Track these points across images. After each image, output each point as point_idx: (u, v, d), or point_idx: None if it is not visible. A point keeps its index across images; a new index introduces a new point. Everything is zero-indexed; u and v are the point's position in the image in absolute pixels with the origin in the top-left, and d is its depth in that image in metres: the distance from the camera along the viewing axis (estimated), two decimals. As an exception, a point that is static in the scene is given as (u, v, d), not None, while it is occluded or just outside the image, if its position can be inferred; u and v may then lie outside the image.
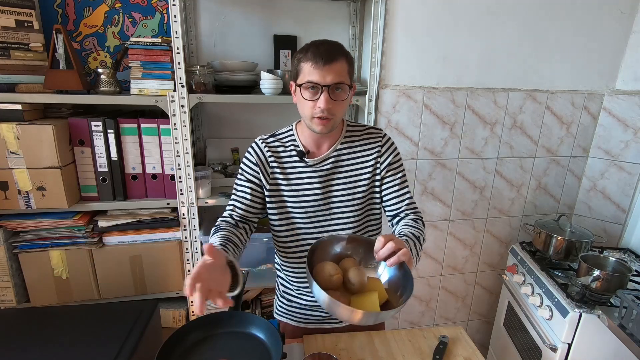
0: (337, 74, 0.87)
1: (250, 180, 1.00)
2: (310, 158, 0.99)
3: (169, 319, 1.47)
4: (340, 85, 0.88)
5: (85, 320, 1.08)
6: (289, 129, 1.04)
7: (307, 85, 0.88)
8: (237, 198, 1.01)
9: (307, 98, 0.90)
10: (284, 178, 1.00)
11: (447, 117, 1.68)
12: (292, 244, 1.05)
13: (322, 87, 0.87)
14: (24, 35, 1.26)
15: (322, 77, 0.87)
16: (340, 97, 0.90)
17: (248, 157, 1.02)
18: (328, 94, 0.87)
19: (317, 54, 0.86)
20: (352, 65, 0.93)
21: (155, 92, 1.29)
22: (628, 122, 1.74)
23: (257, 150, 1.01)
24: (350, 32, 1.62)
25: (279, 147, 1.01)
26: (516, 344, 1.69)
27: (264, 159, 1.00)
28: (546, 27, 1.65)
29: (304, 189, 1.00)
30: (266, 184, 1.00)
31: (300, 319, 1.13)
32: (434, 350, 1.03)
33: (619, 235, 1.83)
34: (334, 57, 0.87)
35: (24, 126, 1.17)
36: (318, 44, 0.89)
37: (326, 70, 0.86)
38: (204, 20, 1.50)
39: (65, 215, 1.31)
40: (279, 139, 1.03)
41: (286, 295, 1.14)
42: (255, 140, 1.04)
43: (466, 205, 1.85)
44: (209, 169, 1.45)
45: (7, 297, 1.30)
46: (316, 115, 0.90)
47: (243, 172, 1.02)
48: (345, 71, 0.90)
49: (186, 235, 1.41)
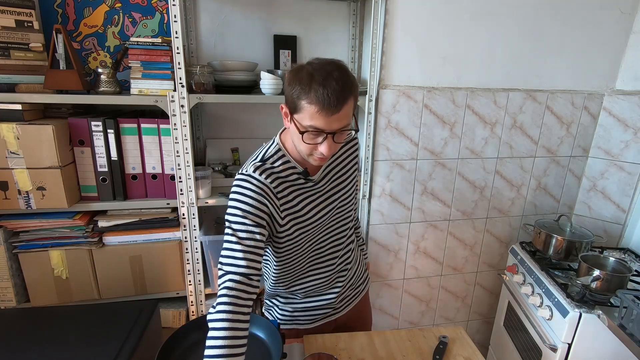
0: (344, 119, 0.79)
1: (258, 224, 0.83)
2: (313, 175, 0.94)
3: (169, 319, 1.47)
4: (345, 129, 0.81)
5: (85, 320, 1.08)
6: (277, 150, 0.90)
7: (310, 129, 0.78)
8: (247, 250, 0.81)
9: (307, 142, 0.80)
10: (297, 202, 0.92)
11: (447, 117, 1.68)
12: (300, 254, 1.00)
13: (327, 134, 0.79)
14: (24, 35, 1.26)
15: (329, 125, 0.77)
16: (342, 139, 0.84)
17: (248, 194, 0.84)
18: (332, 140, 0.80)
19: (325, 99, 0.74)
20: (357, 99, 0.83)
21: (155, 92, 1.29)
22: (628, 122, 1.74)
23: (259, 184, 0.85)
24: (350, 32, 1.62)
25: (280, 172, 0.89)
26: (516, 344, 1.69)
27: (270, 192, 0.86)
28: (546, 27, 1.65)
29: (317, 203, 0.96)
30: (279, 218, 0.88)
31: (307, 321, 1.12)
32: (434, 350, 1.03)
33: (619, 235, 1.83)
34: (344, 101, 0.76)
35: (24, 126, 1.17)
36: (325, 83, 0.75)
37: (334, 118, 0.77)
38: (204, 20, 1.50)
39: (65, 215, 1.31)
40: (272, 164, 0.89)
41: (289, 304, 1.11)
42: (250, 174, 0.85)
43: (466, 205, 1.85)
44: (209, 169, 1.45)
45: (7, 297, 1.30)
46: (316, 156, 0.84)
47: (246, 214, 0.82)
48: (352, 110, 0.81)
49: (186, 235, 1.41)
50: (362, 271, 1.21)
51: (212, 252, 1.42)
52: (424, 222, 1.82)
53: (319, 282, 1.06)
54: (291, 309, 1.11)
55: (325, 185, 0.98)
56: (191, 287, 1.47)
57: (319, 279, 1.06)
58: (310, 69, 0.77)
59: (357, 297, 1.19)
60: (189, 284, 1.46)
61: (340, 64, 0.80)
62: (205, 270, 1.47)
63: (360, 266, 1.20)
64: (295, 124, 0.80)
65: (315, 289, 1.08)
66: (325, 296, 1.09)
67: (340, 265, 1.08)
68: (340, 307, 1.14)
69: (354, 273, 1.15)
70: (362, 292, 1.21)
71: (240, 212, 0.83)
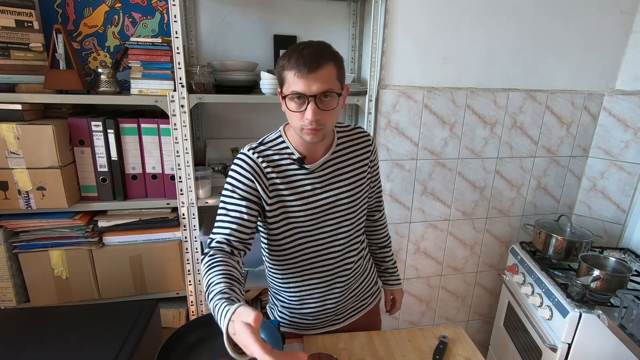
0: (323, 82, 0.80)
1: (245, 197, 0.89)
2: (309, 163, 0.94)
3: (169, 319, 1.47)
4: (328, 93, 0.82)
5: (85, 320, 1.08)
6: (277, 136, 0.96)
7: (292, 95, 0.82)
8: (232, 219, 0.87)
9: (293, 110, 0.84)
10: (285, 187, 0.93)
11: (447, 117, 1.68)
12: (293, 250, 1.00)
13: (309, 98, 0.81)
14: (24, 35, 1.26)
15: (308, 87, 0.80)
16: (329, 106, 0.83)
17: (239, 170, 0.90)
18: (315, 104, 0.81)
19: (300, 61, 0.79)
20: (341, 68, 0.85)
21: (155, 92, 1.29)
22: (628, 122, 1.74)
23: (250, 162, 0.90)
24: (350, 32, 1.62)
25: (273, 155, 0.93)
26: (516, 344, 1.69)
27: (260, 171, 0.90)
28: (546, 27, 1.65)
29: (308, 195, 0.95)
30: (266, 197, 0.91)
31: (305, 327, 1.10)
32: (434, 350, 1.03)
33: (619, 235, 1.83)
34: (320, 63, 0.80)
35: (24, 126, 1.17)
36: (301, 48, 0.81)
37: (311, 78, 0.79)
38: (204, 20, 1.50)
39: (65, 215, 1.31)
40: (270, 147, 0.94)
41: (288, 306, 1.09)
42: (244, 152, 0.92)
43: (466, 205, 1.85)
44: (209, 169, 1.45)
45: (7, 297, 1.30)
46: (305, 127, 0.84)
47: (235, 189, 0.89)
48: (334, 76, 0.82)
49: (186, 235, 1.41)
50: (371, 283, 1.17)
51: (212, 252, 1.42)
52: (424, 222, 1.82)
53: (312, 284, 1.03)
54: (290, 313, 1.09)
55: (321, 178, 0.96)
56: (191, 287, 1.47)
57: (312, 281, 1.03)
58: (293, 46, 0.85)
59: (362, 309, 1.15)
60: (189, 284, 1.46)
61: (323, 41, 0.86)
62: (205, 270, 1.47)
63: (369, 278, 1.16)
64: (283, 97, 0.86)
65: (310, 293, 1.04)
66: (322, 304, 1.06)
67: (336, 271, 1.04)
68: (341, 318, 1.11)
69: (358, 284, 1.11)
70: (369, 305, 1.17)
71: (230, 186, 0.90)
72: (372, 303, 1.18)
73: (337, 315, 1.10)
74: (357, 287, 1.12)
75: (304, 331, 1.10)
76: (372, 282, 1.18)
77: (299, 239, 0.98)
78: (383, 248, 1.24)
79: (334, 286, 1.05)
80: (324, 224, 0.98)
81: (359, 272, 1.11)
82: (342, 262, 1.04)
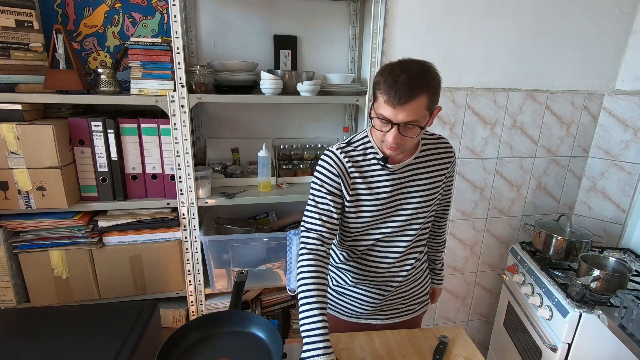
0: (410, 114, 0.84)
1: (331, 192, 0.97)
2: (391, 163, 0.99)
3: (169, 319, 1.47)
4: (412, 123, 0.86)
5: (85, 320, 1.08)
6: (364, 136, 1.02)
7: (379, 116, 0.88)
8: (322, 212, 0.96)
9: (377, 128, 0.90)
10: (365, 187, 0.99)
11: (447, 117, 1.68)
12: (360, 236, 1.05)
13: (393, 124, 0.86)
14: (24, 35, 1.26)
15: (394, 115, 0.85)
16: (410, 134, 0.88)
17: (327, 167, 0.98)
18: (398, 131, 0.86)
19: (393, 90, 0.82)
20: (434, 95, 0.87)
21: (155, 92, 1.29)
22: (628, 122, 1.74)
23: (337, 161, 0.98)
24: (350, 32, 1.62)
25: (358, 156, 0.99)
26: (516, 344, 1.69)
27: (344, 170, 0.98)
28: (546, 27, 1.65)
29: (384, 192, 1.00)
30: (347, 194, 0.99)
31: (348, 313, 1.15)
32: (434, 350, 1.03)
33: (619, 235, 1.83)
34: (411, 96, 0.82)
35: (24, 126, 1.17)
36: (397, 75, 0.83)
37: (399, 109, 0.84)
38: (204, 20, 1.50)
39: (65, 215, 1.31)
40: (356, 148, 1.01)
41: (338, 288, 1.16)
42: (332, 150, 1.00)
43: (466, 205, 1.85)
44: (209, 169, 1.45)
45: (7, 297, 1.30)
46: (386, 144, 0.91)
47: (323, 184, 0.98)
48: (423, 107, 0.85)
49: (186, 235, 1.41)
50: (422, 292, 1.20)
51: (212, 252, 1.42)
52: (424, 222, 1.82)
53: (370, 272, 1.08)
54: (338, 293, 1.15)
55: (400, 179, 1.01)
56: (191, 287, 1.47)
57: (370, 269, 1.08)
58: (395, 63, 0.87)
59: (407, 314, 1.18)
60: (189, 284, 1.46)
61: (425, 62, 0.88)
62: (205, 270, 1.47)
63: (422, 287, 1.19)
64: (372, 110, 0.92)
65: (365, 279, 1.09)
66: (371, 293, 1.10)
67: (394, 269, 1.08)
68: (384, 315, 1.15)
69: (410, 288, 1.14)
70: (416, 312, 1.20)
71: (319, 181, 0.99)
72: (418, 310, 1.21)
73: (382, 311, 1.14)
74: (408, 291, 1.15)
75: (344, 316, 1.15)
76: (423, 292, 1.20)
77: (367, 227, 1.03)
78: (437, 252, 1.29)
79: (388, 281, 1.10)
80: (395, 217, 1.03)
81: (413, 277, 1.14)
82: (402, 264, 1.08)
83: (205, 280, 1.49)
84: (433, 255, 1.30)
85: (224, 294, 1.54)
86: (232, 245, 1.43)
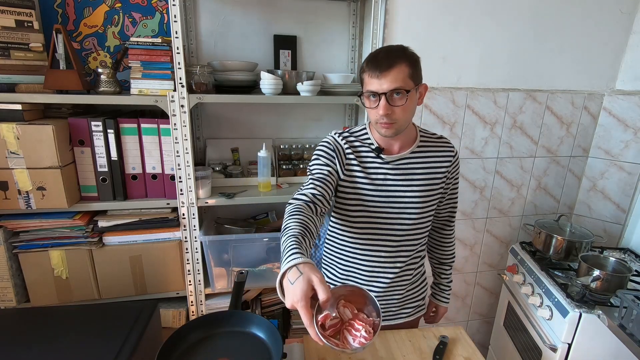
0: (393, 81, 0.90)
1: (327, 164, 1.01)
2: (386, 155, 1.03)
3: (169, 319, 1.47)
4: (398, 90, 0.90)
5: (85, 320, 1.08)
6: (362, 127, 1.07)
7: (367, 94, 0.94)
8: (316, 179, 0.98)
9: (368, 106, 0.96)
10: (360, 170, 1.02)
11: (447, 117, 1.68)
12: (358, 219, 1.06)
13: (380, 95, 0.91)
14: (24, 35, 1.26)
15: (379, 85, 0.90)
16: (399, 103, 0.92)
17: (325, 145, 1.04)
18: (386, 101, 0.91)
19: (373, 63, 0.91)
20: (415, 67, 0.94)
21: (155, 92, 1.29)
22: (628, 122, 1.74)
23: (334, 141, 1.04)
24: (350, 32, 1.62)
25: (355, 141, 1.04)
26: (516, 344, 1.69)
27: (341, 149, 1.02)
28: (546, 27, 1.65)
29: (379, 179, 1.03)
30: (341, 173, 1.02)
31: None
32: (434, 350, 1.03)
33: (619, 235, 1.83)
34: (391, 64, 0.90)
35: (24, 126, 1.17)
36: (376, 52, 0.94)
37: (382, 78, 0.90)
38: (204, 20, 1.50)
39: (65, 215, 1.31)
40: (354, 135, 1.06)
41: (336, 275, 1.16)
42: (331, 135, 1.06)
43: (466, 205, 1.85)
44: (209, 169, 1.45)
45: (7, 297, 1.30)
46: (379, 121, 0.94)
47: (319, 156, 1.02)
48: (405, 75, 0.91)
49: (186, 235, 1.41)
50: (417, 298, 1.20)
51: (212, 252, 1.42)
52: (424, 222, 1.82)
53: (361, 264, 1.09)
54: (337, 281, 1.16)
55: (395, 170, 1.03)
56: (191, 287, 1.47)
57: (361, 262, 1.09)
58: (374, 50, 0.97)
59: (401, 317, 1.18)
60: (189, 284, 1.46)
61: (400, 45, 0.96)
62: (205, 270, 1.47)
63: (417, 292, 1.19)
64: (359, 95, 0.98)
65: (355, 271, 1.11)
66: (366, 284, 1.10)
67: (386, 264, 1.08)
68: None
69: (404, 289, 1.14)
70: (409, 315, 1.19)
71: (315, 157, 1.04)
72: (413, 315, 1.20)
73: None
74: (402, 292, 1.14)
75: None
76: (418, 297, 1.20)
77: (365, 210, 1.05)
78: (443, 264, 1.28)
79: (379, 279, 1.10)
80: (389, 207, 1.05)
81: (408, 278, 1.14)
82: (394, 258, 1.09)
83: (205, 280, 1.49)
84: (438, 268, 1.28)
85: (224, 294, 1.54)
86: (232, 245, 1.43)
